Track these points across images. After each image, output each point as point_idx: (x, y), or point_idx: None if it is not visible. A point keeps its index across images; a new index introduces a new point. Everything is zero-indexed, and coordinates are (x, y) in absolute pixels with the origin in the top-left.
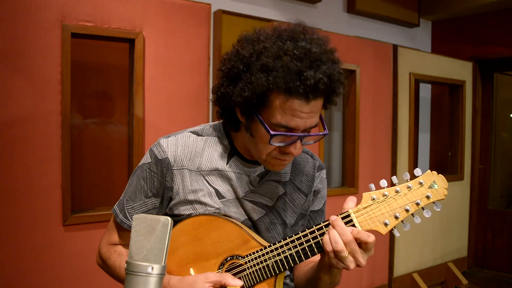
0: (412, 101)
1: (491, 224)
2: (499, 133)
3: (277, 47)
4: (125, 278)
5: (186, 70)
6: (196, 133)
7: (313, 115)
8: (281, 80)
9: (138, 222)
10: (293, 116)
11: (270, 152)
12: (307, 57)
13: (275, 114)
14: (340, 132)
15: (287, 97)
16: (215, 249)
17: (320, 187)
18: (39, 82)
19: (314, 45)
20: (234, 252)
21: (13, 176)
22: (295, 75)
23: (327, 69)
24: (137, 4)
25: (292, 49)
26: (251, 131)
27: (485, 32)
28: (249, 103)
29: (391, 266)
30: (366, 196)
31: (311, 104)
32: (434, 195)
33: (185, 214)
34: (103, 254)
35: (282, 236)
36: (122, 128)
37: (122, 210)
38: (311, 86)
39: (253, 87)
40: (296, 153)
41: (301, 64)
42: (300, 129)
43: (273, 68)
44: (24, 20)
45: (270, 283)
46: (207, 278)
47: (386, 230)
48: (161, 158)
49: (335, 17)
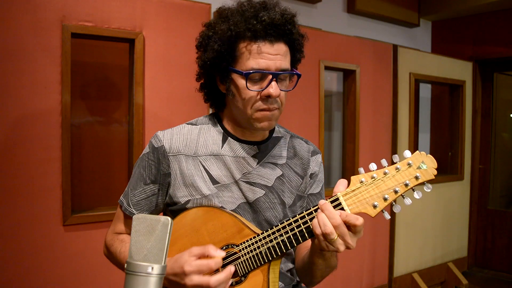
0: (412, 101)
1: (491, 224)
2: (499, 133)
3: (234, 6)
4: (125, 278)
5: (186, 70)
6: (190, 123)
7: (281, 57)
8: (240, 23)
9: (138, 222)
10: (261, 58)
11: (253, 105)
12: (260, 4)
13: (245, 61)
14: (340, 132)
15: (250, 41)
16: (211, 239)
17: (317, 170)
18: (39, 82)
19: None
20: (229, 241)
21: (13, 176)
22: (252, 18)
23: (279, 10)
24: (137, 4)
25: (247, 3)
26: (231, 91)
27: (485, 32)
28: (221, 59)
29: (391, 266)
30: (354, 179)
31: (274, 45)
32: (423, 175)
33: (183, 202)
34: (107, 242)
35: (282, 216)
36: (122, 128)
37: (126, 198)
38: (267, 23)
39: (219, 38)
40: (275, 94)
41: (255, 9)
42: (272, 70)
43: (232, 17)
44: (24, 20)
45: (264, 270)
46: (191, 252)
47: (375, 212)
48: (157, 146)
49: (335, 17)
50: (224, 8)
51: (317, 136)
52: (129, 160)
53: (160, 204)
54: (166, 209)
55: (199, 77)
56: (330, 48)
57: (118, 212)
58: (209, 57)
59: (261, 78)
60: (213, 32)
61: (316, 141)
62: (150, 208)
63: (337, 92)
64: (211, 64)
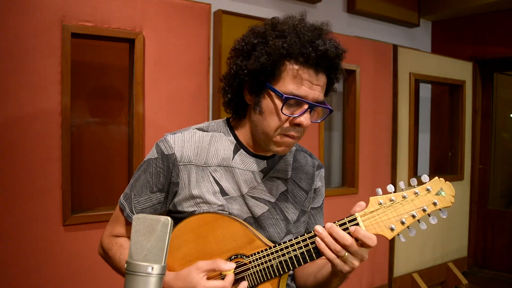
0: (412, 101)
1: (491, 224)
2: (499, 133)
3: (290, 22)
4: (125, 277)
5: (186, 70)
6: (201, 129)
7: (320, 89)
8: (295, 45)
9: (138, 222)
10: (303, 85)
11: (280, 127)
12: (316, 31)
13: (286, 83)
14: (340, 132)
15: (298, 65)
16: (219, 247)
17: (320, 185)
18: (39, 82)
19: (320, 25)
20: (238, 251)
21: (14, 176)
22: (308, 42)
23: (334, 42)
24: (137, 4)
25: (302, 24)
26: (260, 107)
27: (485, 32)
28: (262, 73)
29: (391, 266)
30: (373, 200)
31: (318, 75)
32: (441, 202)
33: (188, 211)
34: (105, 245)
35: (285, 232)
36: (122, 128)
37: (129, 204)
38: (321, 53)
39: (269, 51)
40: (306, 124)
41: (312, 34)
42: (310, 100)
43: (288, 35)
44: (24, 20)
45: (274, 284)
46: (199, 269)
47: (392, 235)
48: (168, 154)
49: (335, 17)
50: (279, 21)
51: (317, 136)
52: (129, 160)
53: (164, 212)
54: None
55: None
56: None
57: (117, 214)
58: (250, 67)
59: (296, 105)
60: (261, 42)
61: (316, 141)
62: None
63: (337, 92)
64: (249, 73)
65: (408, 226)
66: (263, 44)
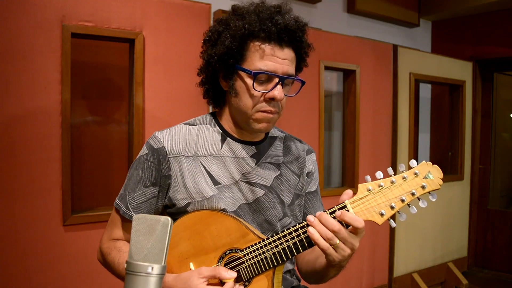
0: (412, 101)
1: (491, 224)
2: (499, 133)
3: (249, 6)
4: (125, 277)
5: (186, 70)
6: (188, 123)
7: (288, 62)
8: (256, 23)
9: (138, 222)
10: (270, 60)
11: (256, 105)
12: (276, 8)
13: (254, 61)
14: (340, 132)
15: (262, 42)
16: (214, 243)
17: (313, 168)
18: (39, 82)
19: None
20: (233, 246)
21: (13, 176)
22: (267, 19)
23: (293, 16)
24: (137, 4)
25: (263, 6)
26: (234, 89)
27: (485, 32)
28: (230, 56)
29: (391, 266)
30: (362, 187)
31: (284, 50)
32: (429, 185)
33: (183, 204)
34: (103, 250)
35: (281, 215)
36: (122, 128)
37: (124, 202)
38: (282, 26)
39: (232, 34)
40: (279, 97)
41: (270, 12)
42: (279, 74)
43: (248, 16)
44: (24, 20)
45: (269, 275)
46: (201, 274)
47: (382, 220)
48: (157, 148)
49: (335, 17)
50: (239, 6)
51: (317, 136)
52: (129, 160)
53: (159, 207)
54: (164, 212)
55: (201, 72)
56: (330, 48)
57: (114, 217)
58: (218, 52)
59: (267, 80)
60: (225, 28)
61: (316, 141)
62: (149, 211)
63: (337, 92)
64: (218, 59)
65: (398, 211)
66: (227, 29)
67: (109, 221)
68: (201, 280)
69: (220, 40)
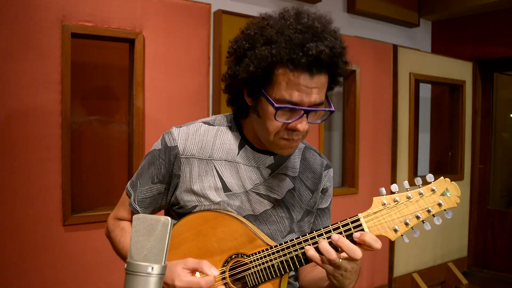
0: (412, 101)
1: (491, 224)
2: (499, 133)
3: (280, 24)
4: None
5: (186, 70)
6: (207, 123)
7: (318, 91)
8: (284, 51)
9: (138, 222)
10: (297, 90)
11: (278, 132)
12: (309, 31)
13: (280, 89)
14: (340, 132)
15: (290, 70)
16: (219, 246)
17: (328, 185)
18: (39, 82)
19: (316, 22)
20: (239, 250)
21: (13, 176)
22: (298, 47)
23: (329, 42)
24: (137, 4)
25: (294, 24)
26: (257, 111)
27: (485, 32)
28: (254, 80)
29: (391, 266)
30: (376, 200)
31: (314, 78)
32: (446, 203)
33: (189, 206)
34: (109, 226)
35: (288, 231)
36: (122, 128)
37: (134, 192)
38: (314, 57)
39: (257, 60)
40: (302, 129)
41: (303, 37)
42: (305, 105)
43: (276, 41)
44: (24, 20)
45: (275, 284)
46: (186, 264)
47: (395, 236)
48: (170, 146)
49: (335, 17)
50: (268, 22)
51: (317, 136)
52: (129, 160)
53: (164, 204)
54: (170, 209)
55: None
56: None
57: (124, 198)
58: (241, 74)
59: (292, 110)
60: (250, 47)
61: (316, 141)
62: (154, 206)
63: (337, 92)
64: (242, 81)
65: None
66: (252, 50)
67: (120, 201)
68: (185, 271)
69: (244, 61)
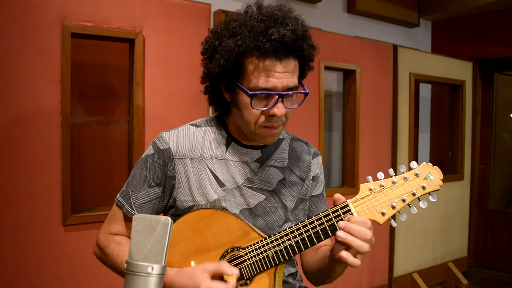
0: (412, 101)
1: (491, 224)
2: (499, 133)
3: (243, 16)
4: (125, 277)
5: (186, 70)
6: (195, 125)
7: (288, 75)
8: (248, 40)
9: (138, 222)
10: (268, 76)
11: (257, 121)
12: (271, 19)
13: (251, 78)
14: (340, 132)
15: (257, 58)
16: (215, 242)
17: (318, 172)
18: (39, 82)
19: (277, 10)
20: (234, 244)
21: (13, 176)
22: (261, 34)
23: (291, 26)
24: (137, 4)
25: (256, 14)
26: (236, 104)
27: (485, 32)
28: (227, 73)
29: (391, 266)
30: (363, 186)
31: (283, 62)
32: (430, 186)
33: (186, 206)
34: (101, 243)
35: (284, 220)
36: (122, 128)
37: (127, 201)
38: (277, 41)
39: (226, 53)
40: (280, 114)
41: (265, 25)
42: (279, 90)
43: (240, 32)
44: (24, 20)
45: (270, 274)
46: (205, 269)
47: (383, 219)
48: (163, 149)
49: (335, 17)
50: (232, 17)
51: (317, 136)
52: (129, 160)
53: (162, 207)
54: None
55: (203, 81)
56: (330, 48)
57: (115, 212)
58: (214, 70)
59: (267, 97)
60: (219, 43)
61: (316, 141)
62: (152, 211)
63: (337, 92)
64: (216, 76)
65: (399, 211)
66: (220, 45)
67: (109, 215)
68: (205, 275)
69: (215, 57)
